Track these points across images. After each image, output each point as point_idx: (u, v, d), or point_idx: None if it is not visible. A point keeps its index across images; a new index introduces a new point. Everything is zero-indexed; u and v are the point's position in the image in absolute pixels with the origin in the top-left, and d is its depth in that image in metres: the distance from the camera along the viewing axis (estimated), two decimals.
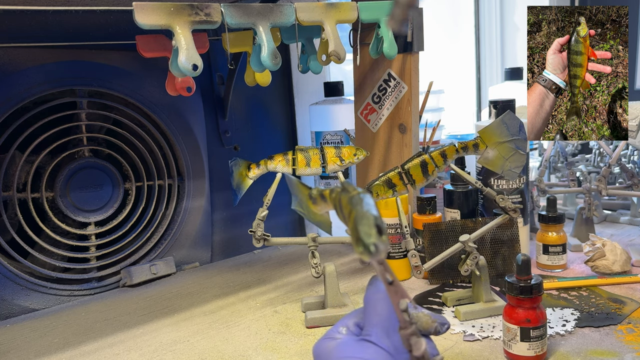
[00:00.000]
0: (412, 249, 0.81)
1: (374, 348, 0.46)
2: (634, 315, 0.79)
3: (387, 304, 0.48)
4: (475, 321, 0.80)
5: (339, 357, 0.47)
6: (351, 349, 0.47)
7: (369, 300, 0.50)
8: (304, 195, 0.63)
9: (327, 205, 0.58)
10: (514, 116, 0.79)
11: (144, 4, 0.69)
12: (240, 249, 1.25)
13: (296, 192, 0.67)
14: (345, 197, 0.48)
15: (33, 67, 0.95)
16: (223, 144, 1.24)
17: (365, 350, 0.47)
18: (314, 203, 0.60)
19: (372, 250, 0.41)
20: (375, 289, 0.50)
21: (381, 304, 0.48)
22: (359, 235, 0.42)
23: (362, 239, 0.41)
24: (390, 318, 0.47)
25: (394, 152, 1.05)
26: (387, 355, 0.46)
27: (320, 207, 0.60)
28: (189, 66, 0.71)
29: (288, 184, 0.68)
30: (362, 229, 0.42)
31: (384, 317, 0.48)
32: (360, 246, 0.42)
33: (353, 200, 0.46)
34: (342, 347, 0.48)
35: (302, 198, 0.65)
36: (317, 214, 0.64)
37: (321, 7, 0.84)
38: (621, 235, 1.16)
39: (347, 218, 0.47)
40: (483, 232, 0.82)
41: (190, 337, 0.82)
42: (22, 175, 0.98)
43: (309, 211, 0.64)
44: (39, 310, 0.97)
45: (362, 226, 0.42)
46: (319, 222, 0.67)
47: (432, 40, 1.13)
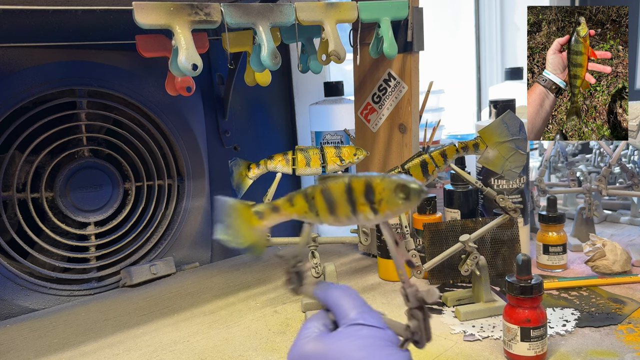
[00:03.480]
0: (412, 249, 0.81)
1: (369, 329, 0.47)
2: (634, 315, 0.79)
3: (353, 293, 0.50)
4: (475, 321, 0.80)
5: (350, 342, 0.47)
6: (352, 334, 0.47)
7: (335, 296, 0.51)
8: (245, 212, 0.60)
9: (279, 216, 0.58)
10: (514, 116, 0.79)
11: (144, 4, 0.69)
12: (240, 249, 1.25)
13: (228, 214, 0.61)
14: (340, 182, 0.51)
15: (33, 67, 0.95)
16: (223, 144, 1.24)
17: (369, 331, 0.47)
18: (261, 218, 0.59)
19: (420, 189, 0.47)
20: (332, 286, 0.52)
21: (349, 294, 0.50)
22: (402, 183, 0.48)
23: (407, 185, 0.48)
24: (363, 303, 0.49)
25: (394, 152, 1.05)
26: (384, 332, 0.48)
27: (268, 221, 0.59)
28: (188, 66, 0.71)
29: (219, 206, 0.61)
30: (401, 180, 0.48)
31: (360, 302, 0.49)
32: (403, 192, 0.48)
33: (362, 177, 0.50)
34: (341, 336, 0.48)
35: (236, 219, 0.60)
36: (252, 236, 0.60)
37: (321, 7, 0.84)
38: (621, 235, 1.16)
39: (356, 201, 0.50)
40: (483, 232, 0.82)
41: (190, 337, 0.82)
42: (21, 175, 0.98)
43: (244, 233, 0.60)
44: (39, 311, 0.97)
45: (399, 180, 0.48)
46: (251, 244, 0.61)
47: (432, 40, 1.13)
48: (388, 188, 0.49)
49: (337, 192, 0.52)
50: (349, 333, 0.48)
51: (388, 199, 0.49)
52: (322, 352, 0.48)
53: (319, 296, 0.53)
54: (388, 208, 0.50)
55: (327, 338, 0.48)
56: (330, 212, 0.53)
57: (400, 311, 0.86)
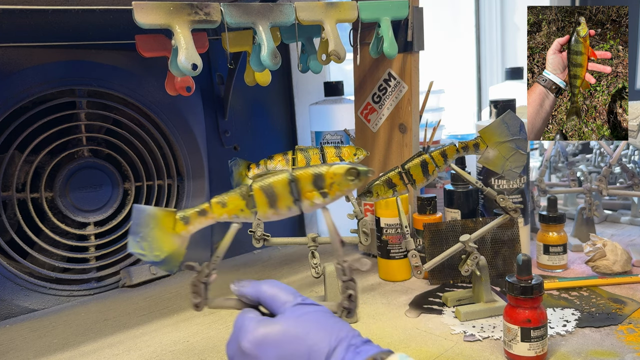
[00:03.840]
0: (412, 249, 0.81)
1: (313, 306, 0.53)
2: (634, 316, 0.79)
3: (283, 284, 0.56)
4: (475, 321, 0.80)
5: (301, 317, 0.51)
6: (299, 311, 0.52)
7: (268, 289, 0.55)
8: (167, 219, 0.60)
9: (206, 219, 0.61)
10: (514, 116, 0.79)
11: (144, 4, 0.69)
12: (240, 249, 1.25)
13: (146, 224, 0.60)
14: (282, 177, 0.59)
15: (32, 67, 0.95)
16: (223, 144, 1.24)
17: (314, 307, 0.53)
18: (186, 223, 0.61)
19: (367, 170, 0.58)
20: (262, 282, 0.56)
21: (281, 285, 0.55)
22: (350, 167, 0.58)
23: (356, 168, 0.58)
24: (296, 290, 0.55)
25: (394, 152, 1.05)
26: (325, 307, 0.54)
27: (193, 226, 0.61)
28: (188, 66, 0.71)
29: (135, 217, 0.60)
30: (349, 165, 0.58)
31: (293, 290, 0.55)
32: (352, 175, 0.58)
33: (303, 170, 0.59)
34: (289, 314, 0.52)
35: (154, 228, 0.60)
36: (170, 245, 0.61)
37: (321, 7, 0.84)
38: (622, 235, 1.16)
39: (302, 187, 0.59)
40: (483, 232, 0.82)
41: (190, 337, 0.82)
42: (21, 175, 0.98)
43: (162, 244, 0.60)
44: (39, 311, 0.97)
45: (347, 165, 0.58)
46: (167, 256, 0.61)
47: (432, 40, 1.13)
48: (338, 173, 0.58)
49: (279, 186, 0.59)
50: (296, 311, 0.52)
51: (340, 181, 0.58)
52: (279, 331, 0.50)
53: (249, 293, 0.56)
54: (339, 190, 0.59)
55: (278, 319, 0.52)
56: (270, 206, 0.60)
57: (400, 311, 0.86)
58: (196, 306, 0.60)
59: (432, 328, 0.79)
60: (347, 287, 0.57)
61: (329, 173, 0.58)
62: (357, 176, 0.58)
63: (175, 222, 0.61)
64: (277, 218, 0.62)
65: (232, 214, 0.61)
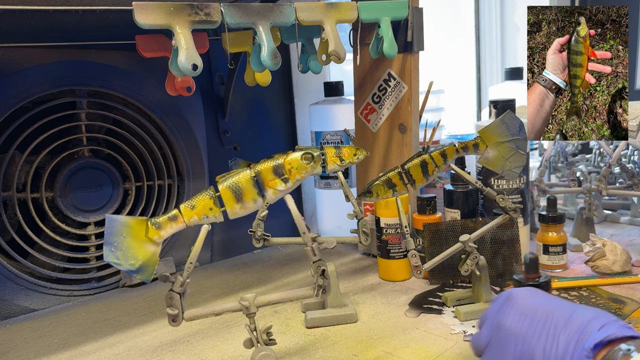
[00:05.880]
0: (412, 249, 0.81)
1: None
2: (634, 315, 0.79)
3: None
4: (475, 321, 0.80)
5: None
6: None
7: None
8: (139, 226, 0.62)
9: (177, 224, 0.63)
10: (514, 116, 0.79)
11: (144, 4, 0.69)
12: (240, 249, 1.25)
13: (119, 233, 0.61)
14: (245, 173, 0.65)
15: (33, 67, 0.95)
16: (223, 144, 1.24)
17: None
18: (158, 228, 0.63)
19: (320, 153, 0.67)
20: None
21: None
22: (304, 152, 0.66)
23: (310, 151, 0.66)
24: None
25: (394, 152, 1.05)
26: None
27: (165, 231, 0.64)
28: (188, 66, 0.71)
29: (108, 226, 0.61)
30: (303, 151, 0.66)
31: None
32: (307, 159, 0.66)
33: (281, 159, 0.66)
34: None
35: (127, 236, 0.61)
36: (144, 253, 0.62)
37: (321, 7, 0.84)
38: (621, 235, 1.16)
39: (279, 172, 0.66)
40: (483, 232, 0.82)
41: (190, 337, 0.82)
42: (21, 175, 0.98)
43: (136, 251, 0.61)
44: (39, 311, 0.97)
45: (301, 152, 0.66)
46: (142, 264, 0.62)
47: (432, 40, 1.13)
48: (295, 159, 0.66)
49: (243, 181, 0.65)
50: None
51: (298, 166, 0.66)
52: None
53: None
54: (298, 173, 0.66)
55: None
56: (237, 201, 0.65)
57: (400, 311, 0.86)
58: (173, 320, 0.61)
59: (432, 328, 0.79)
60: (319, 266, 0.64)
61: (287, 160, 0.66)
62: (312, 159, 0.66)
63: (148, 228, 0.63)
64: (245, 213, 0.66)
65: (201, 215, 0.64)
